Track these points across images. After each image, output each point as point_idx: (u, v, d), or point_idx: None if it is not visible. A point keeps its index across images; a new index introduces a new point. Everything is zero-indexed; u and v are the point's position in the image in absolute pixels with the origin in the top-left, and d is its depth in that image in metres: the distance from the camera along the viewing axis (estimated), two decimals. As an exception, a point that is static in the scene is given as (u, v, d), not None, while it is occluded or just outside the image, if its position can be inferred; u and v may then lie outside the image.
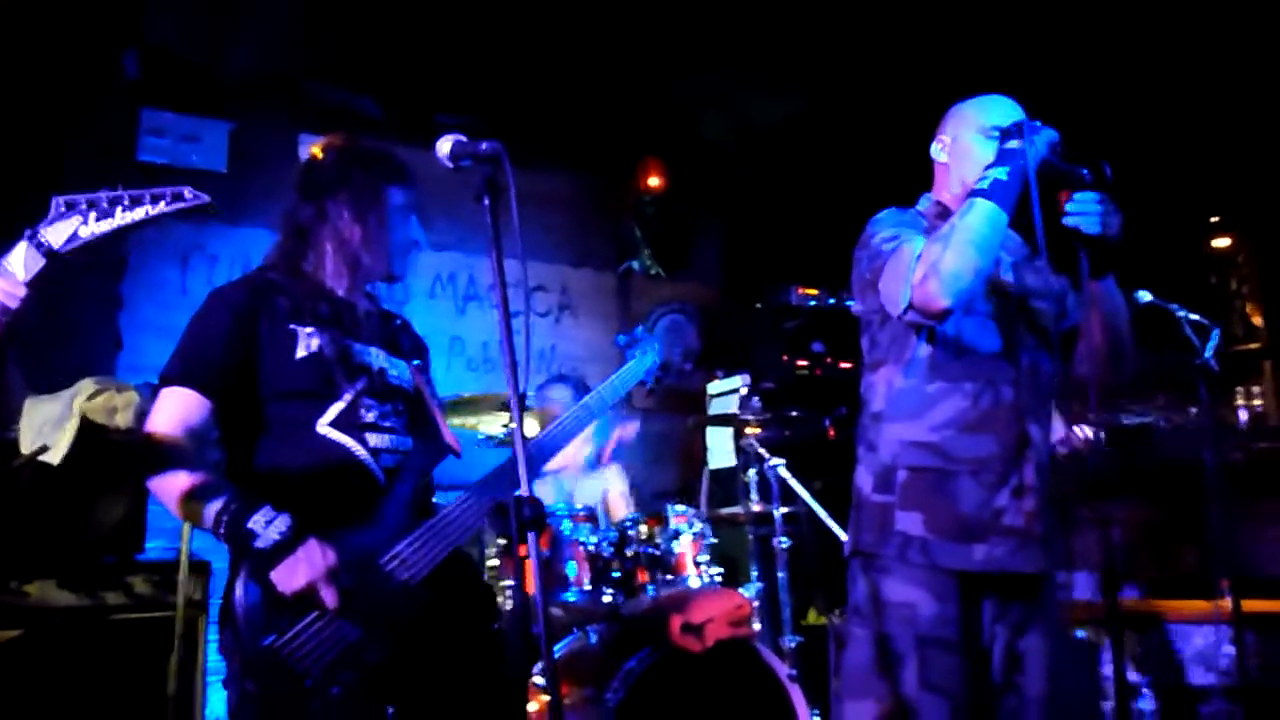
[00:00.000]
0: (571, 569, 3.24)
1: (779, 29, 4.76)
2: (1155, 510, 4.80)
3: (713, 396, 5.37)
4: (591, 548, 3.30)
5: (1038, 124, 2.03)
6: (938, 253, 1.93)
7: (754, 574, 4.08)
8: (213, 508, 1.78)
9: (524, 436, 1.57)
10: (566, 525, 3.28)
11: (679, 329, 2.84)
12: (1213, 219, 5.49)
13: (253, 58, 4.66)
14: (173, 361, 1.93)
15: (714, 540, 3.59)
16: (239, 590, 1.76)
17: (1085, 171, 2.00)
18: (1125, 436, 3.64)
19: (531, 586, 1.87)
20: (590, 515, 3.37)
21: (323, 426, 1.94)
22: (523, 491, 1.53)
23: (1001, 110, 2.17)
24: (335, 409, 1.95)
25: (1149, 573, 4.84)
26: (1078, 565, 4.21)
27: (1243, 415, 4.58)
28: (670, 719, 2.88)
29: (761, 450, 4.00)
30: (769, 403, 4.15)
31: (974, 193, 1.98)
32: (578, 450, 3.99)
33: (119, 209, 1.42)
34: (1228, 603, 3.19)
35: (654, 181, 5.61)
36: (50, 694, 3.09)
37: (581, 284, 5.74)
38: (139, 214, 1.44)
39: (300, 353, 1.95)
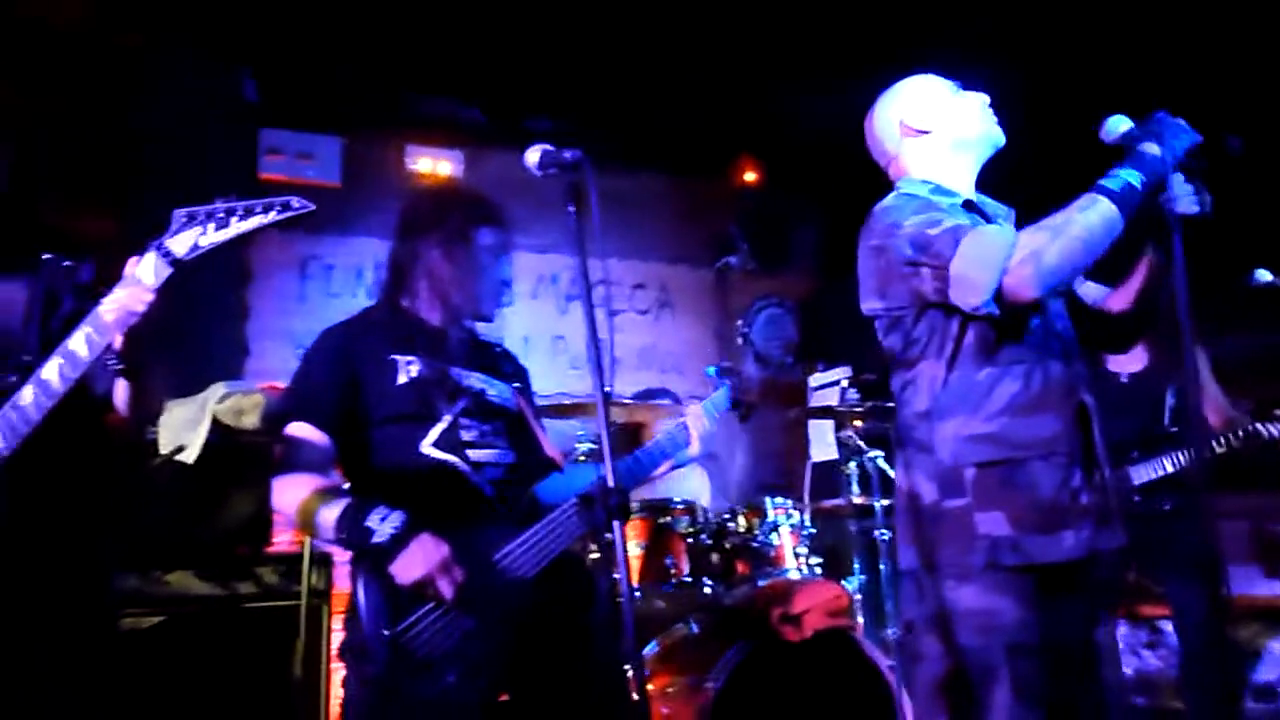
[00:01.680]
0: (673, 561, 3.31)
1: (868, 22, 4.73)
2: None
3: (814, 389, 5.37)
4: (691, 539, 3.37)
5: (1180, 124, 1.94)
6: (1043, 241, 1.85)
7: (856, 566, 4.08)
8: (332, 511, 1.90)
9: (609, 431, 1.62)
10: (667, 518, 3.36)
11: (777, 322, 2.83)
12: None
13: (361, 73, 4.87)
14: (285, 398, 2.12)
15: (813, 531, 3.62)
16: (360, 586, 1.87)
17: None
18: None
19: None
20: (689, 507, 3.44)
21: (426, 446, 2.04)
22: (609, 481, 1.59)
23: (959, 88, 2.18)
24: (436, 430, 2.06)
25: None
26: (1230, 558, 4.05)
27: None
28: (770, 708, 2.92)
29: (861, 442, 3.98)
30: (869, 395, 4.12)
31: (1100, 189, 1.89)
32: None
33: (234, 219, 1.55)
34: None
35: (750, 177, 5.64)
36: (188, 675, 3.32)
37: (680, 281, 5.81)
38: (252, 223, 1.56)
39: (401, 379, 2.07)
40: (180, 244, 1.56)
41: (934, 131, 2.16)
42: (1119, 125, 2.02)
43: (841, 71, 5.14)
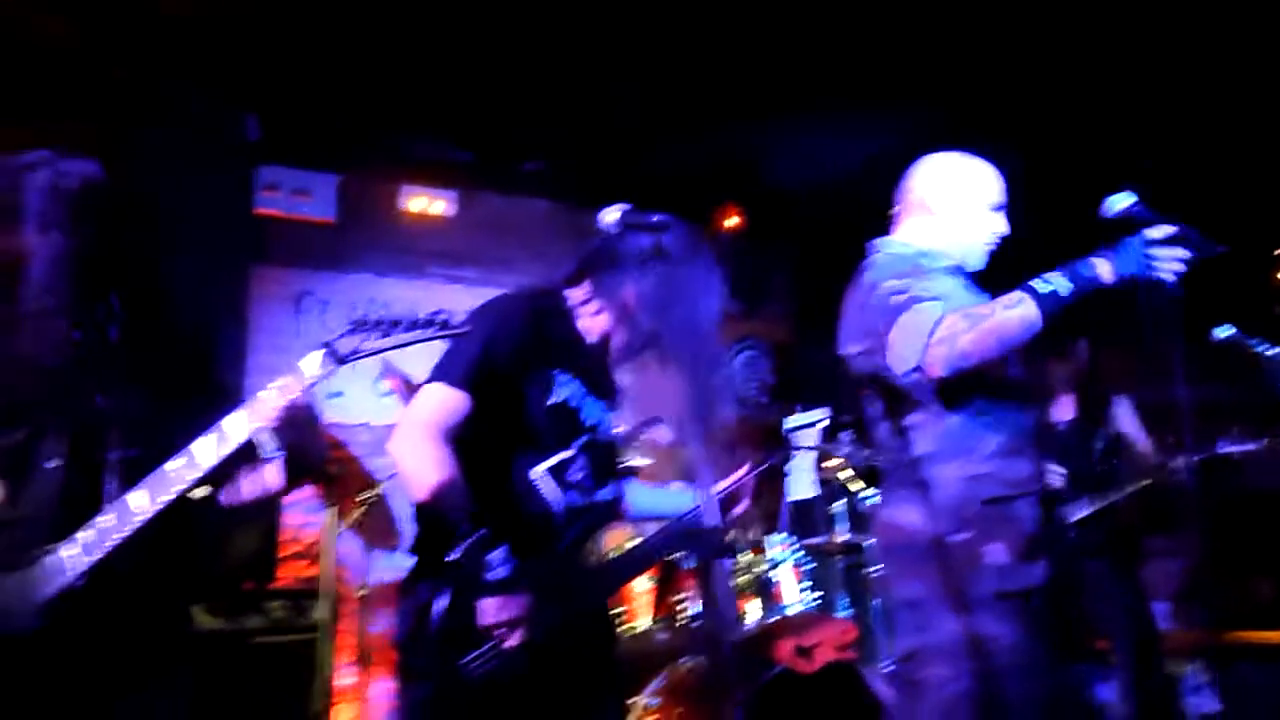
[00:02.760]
0: (686, 595, 3.42)
1: (845, 77, 4.96)
2: (1233, 541, 4.87)
3: (791, 430, 5.53)
4: (702, 575, 3.49)
5: (1131, 245, 2.08)
6: (962, 329, 2.03)
7: (844, 602, 4.23)
8: (461, 524, 1.91)
9: (710, 476, 1.73)
10: (677, 555, 3.47)
11: (753, 364, 2.93)
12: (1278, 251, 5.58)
13: (358, 113, 4.95)
14: (447, 363, 2.01)
15: (812, 567, 3.77)
16: (436, 610, 1.91)
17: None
18: (1218, 465, 3.77)
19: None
20: (698, 544, 3.55)
21: (537, 473, 2.05)
22: (712, 522, 1.69)
23: (996, 187, 2.38)
24: (554, 460, 2.06)
25: (1224, 603, 4.91)
26: (1154, 595, 4.32)
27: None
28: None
29: (850, 483, 4.15)
30: (859, 437, 4.30)
31: (1028, 289, 2.04)
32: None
33: (396, 331, 1.66)
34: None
35: (730, 223, 5.82)
36: (204, 710, 3.33)
37: (665, 323, 5.94)
38: (411, 336, 1.67)
39: (551, 400, 2.06)
40: (346, 345, 1.66)
41: (942, 223, 2.39)
42: (1120, 202, 2.19)
43: (819, 120, 5.40)
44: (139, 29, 4.12)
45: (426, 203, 5.25)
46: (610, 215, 2.03)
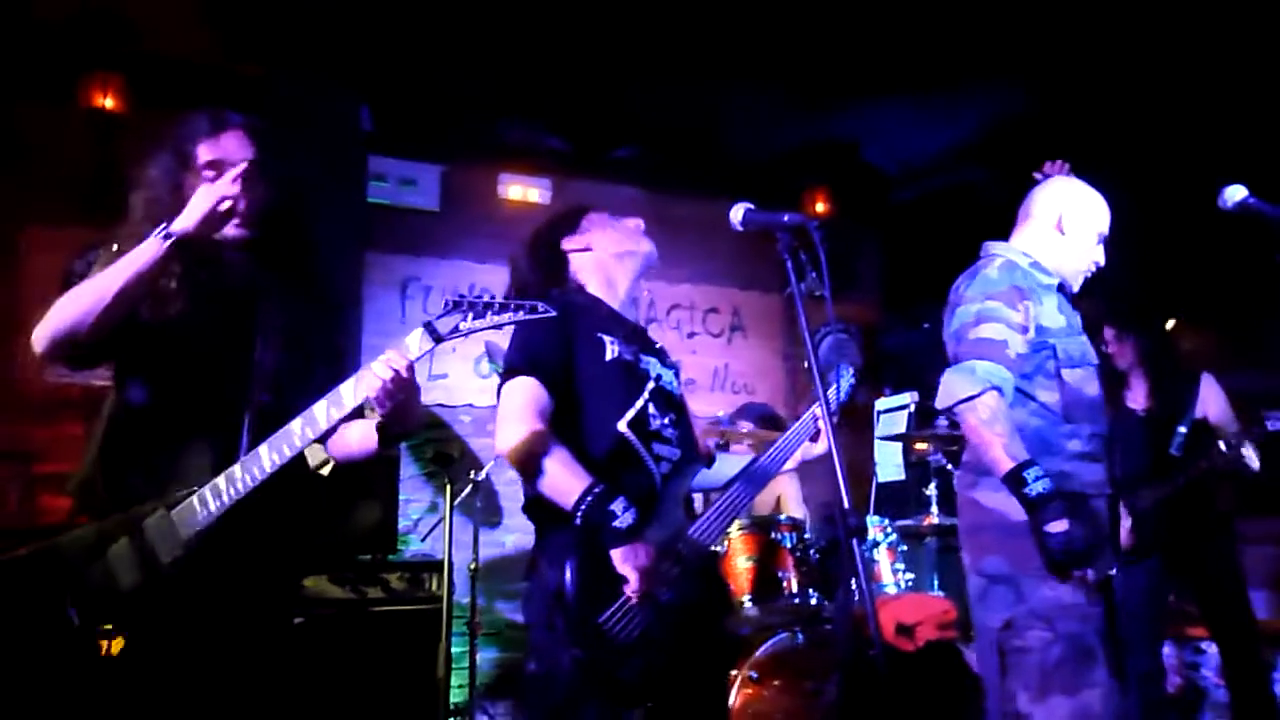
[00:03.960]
0: (783, 574, 3.53)
1: (935, 61, 4.96)
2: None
3: (880, 413, 5.58)
4: (799, 554, 3.59)
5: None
6: (983, 419, 2.36)
7: (935, 583, 4.31)
8: (579, 486, 2.06)
9: (840, 454, 1.83)
10: (777, 533, 3.58)
11: (841, 347, 2.99)
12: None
13: (460, 104, 5.11)
14: (515, 354, 2.22)
15: (905, 549, 3.85)
16: (568, 571, 2.02)
17: None
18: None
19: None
20: (796, 524, 3.66)
21: (622, 425, 2.19)
22: (845, 504, 1.80)
23: (1107, 219, 2.63)
24: (632, 411, 2.22)
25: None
26: (1252, 581, 4.29)
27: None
28: (884, 715, 3.13)
29: (949, 465, 4.20)
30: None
31: (1018, 476, 2.29)
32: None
33: (489, 313, 1.75)
34: None
35: (820, 208, 5.87)
36: (326, 674, 3.54)
37: (751, 306, 6.06)
38: (504, 317, 1.76)
39: (609, 356, 2.23)
40: (445, 325, 1.76)
41: (1060, 244, 2.61)
42: (1236, 194, 2.30)
43: (910, 107, 5.41)
44: (264, 27, 4.33)
45: (523, 191, 5.41)
46: (736, 214, 2.12)
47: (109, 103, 4.50)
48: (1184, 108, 4.88)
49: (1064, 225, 2.61)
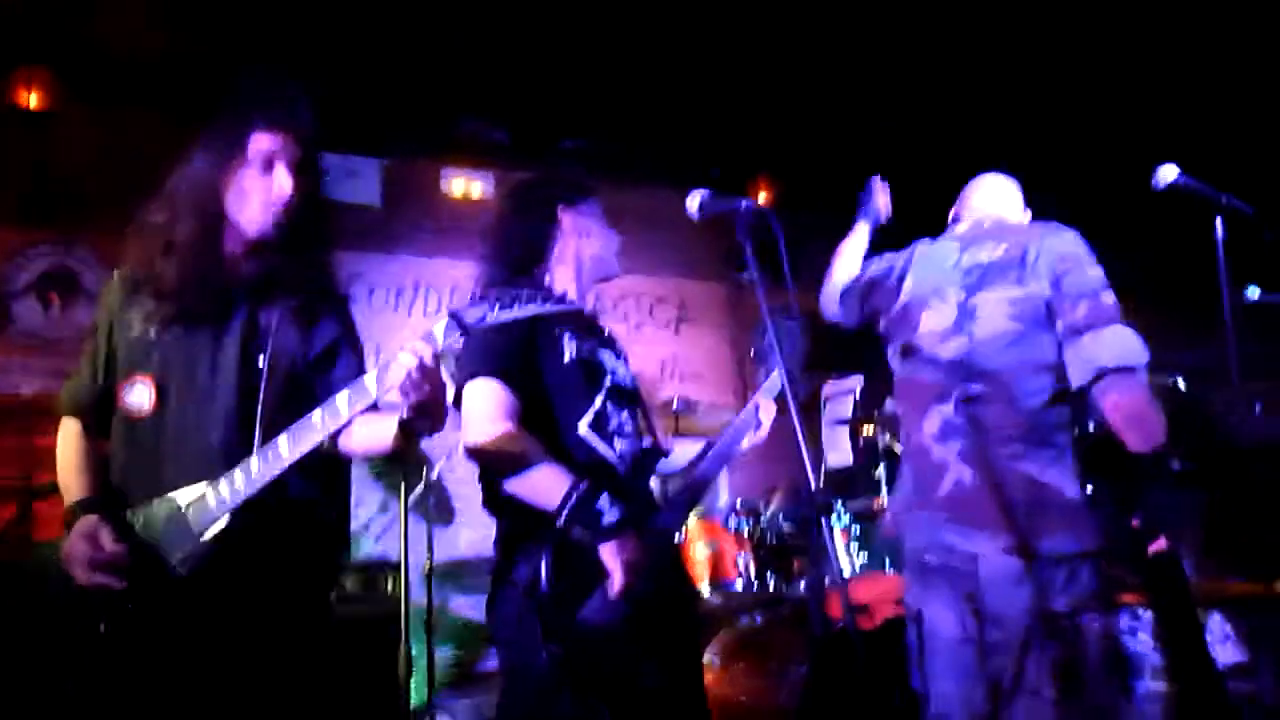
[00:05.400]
0: (741, 560, 3.57)
1: (885, 43, 5.02)
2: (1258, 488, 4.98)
3: (828, 398, 5.65)
4: (755, 539, 3.63)
5: None
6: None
7: (887, 563, 4.38)
8: (562, 485, 2.04)
9: (805, 439, 1.85)
10: (733, 519, 3.62)
11: (789, 334, 3.00)
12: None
13: (399, 98, 5.04)
14: (476, 357, 2.15)
15: (858, 531, 3.92)
16: (544, 567, 2.01)
17: None
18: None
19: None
20: (752, 510, 3.70)
21: (583, 429, 2.18)
22: (814, 485, 1.82)
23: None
24: (591, 413, 2.20)
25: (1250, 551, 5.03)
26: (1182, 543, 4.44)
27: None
28: (851, 691, 3.17)
29: (897, 446, 4.27)
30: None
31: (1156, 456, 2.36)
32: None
33: (516, 305, 1.75)
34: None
35: (763, 196, 5.92)
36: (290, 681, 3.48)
37: (698, 295, 6.09)
38: (530, 309, 1.76)
39: (567, 356, 2.19)
40: (471, 315, 1.75)
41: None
42: (1169, 174, 2.35)
43: (856, 91, 5.48)
44: (201, 19, 4.22)
45: (465, 184, 5.37)
46: (692, 202, 2.13)
47: (34, 100, 4.36)
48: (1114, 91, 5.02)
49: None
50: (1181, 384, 3.90)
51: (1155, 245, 4.56)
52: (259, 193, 1.96)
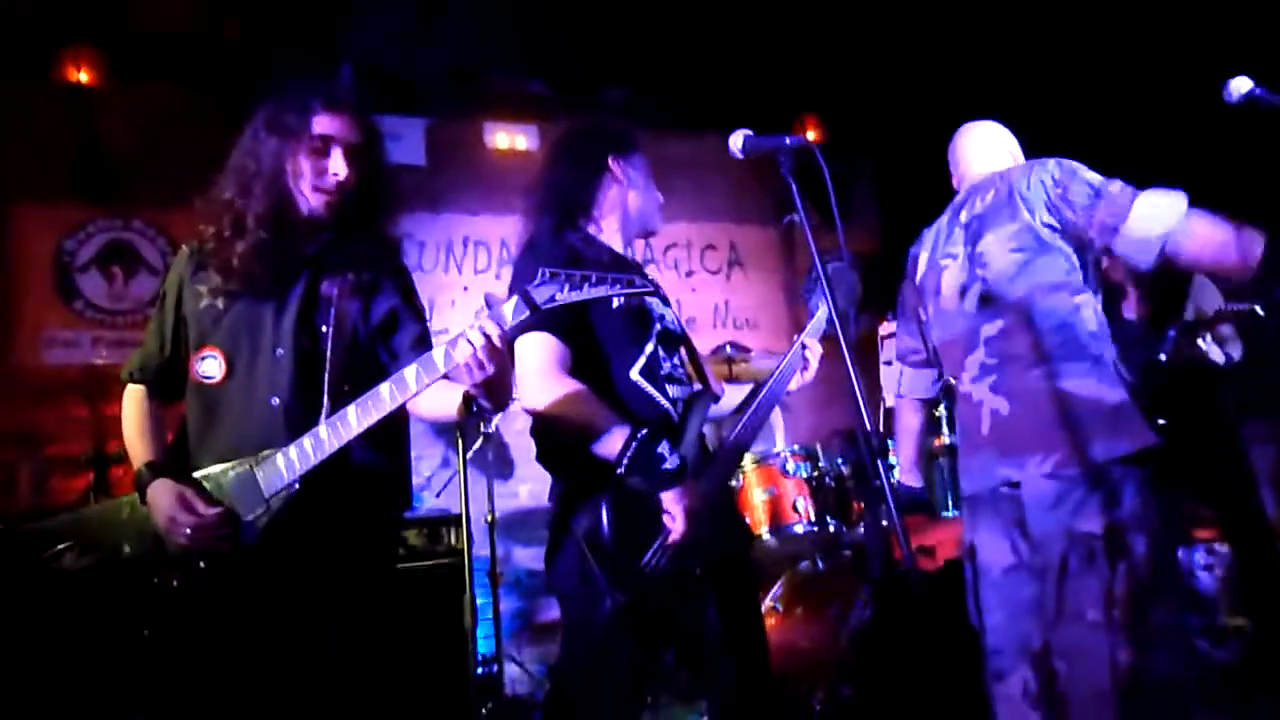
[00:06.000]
0: (800, 504, 3.55)
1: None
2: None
3: (884, 338, 5.57)
4: (814, 483, 3.61)
5: None
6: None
7: (950, 502, 4.33)
8: (622, 432, 2.03)
9: (858, 378, 1.81)
10: (790, 464, 3.59)
11: (840, 275, 2.95)
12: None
13: (440, 56, 5.01)
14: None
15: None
16: (605, 516, 2.02)
17: None
18: None
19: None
20: (810, 453, 3.67)
21: (635, 374, 2.17)
22: (868, 425, 1.79)
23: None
24: (642, 359, 2.19)
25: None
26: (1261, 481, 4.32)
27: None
28: (910, 634, 3.16)
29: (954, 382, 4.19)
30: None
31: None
32: None
33: (586, 285, 1.76)
34: None
35: (810, 136, 5.79)
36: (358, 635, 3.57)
37: (748, 240, 6.01)
38: (600, 290, 1.77)
39: (615, 303, 2.17)
40: (541, 294, 1.77)
41: None
42: (1241, 86, 2.23)
43: (901, 33, 5.32)
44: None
45: (509, 139, 5.34)
46: (735, 141, 2.08)
47: (84, 77, 4.42)
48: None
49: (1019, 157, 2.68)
50: (1260, 311, 3.76)
51: (1228, 168, 4.38)
52: (313, 174, 2.02)
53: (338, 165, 2.01)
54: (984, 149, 2.76)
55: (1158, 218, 2.25)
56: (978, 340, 2.49)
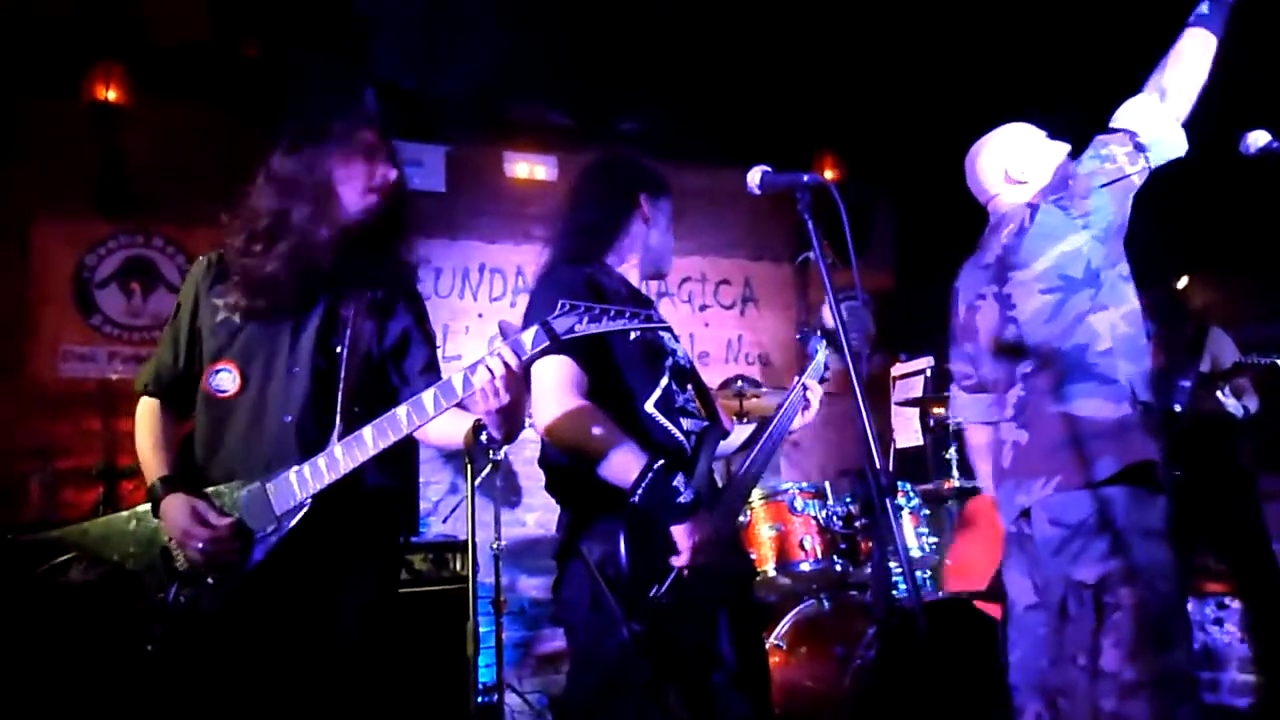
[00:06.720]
0: (807, 541, 3.53)
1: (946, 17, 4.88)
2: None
3: (897, 379, 5.56)
4: (821, 521, 3.59)
5: None
6: None
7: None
8: (635, 454, 2.02)
9: (869, 418, 1.81)
10: (799, 501, 3.57)
11: (855, 314, 2.95)
12: None
13: (461, 83, 5.06)
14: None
15: (928, 513, 3.85)
16: (622, 547, 1.99)
17: None
18: None
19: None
20: (818, 491, 3.65)
21: (650, 406, 2.16)
22: (877, 464, 1.78)
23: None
24: (657, 391, 2.19)
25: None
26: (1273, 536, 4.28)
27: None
28: (918, 673, 3.12)
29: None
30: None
31: None
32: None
33: (605, 318, 1.78)
34: None
35: (829, 174, 5.82)
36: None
37: (763, 276, 6.03)
38: (618, 324, 1.79)
39: (632, 335, 2.16)
40: (561, 325, 1.79)
41: (1030, 183, 2.59)
42: (1259, 139, 2.26)
43: (920, 68, 5.34)
44: (264, 10, 4.30)
45: (529, 169, 5.39)
46: (753, 177, 2.09)
47: (112, 94, 4.49)
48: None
49: (1016, 176, 2.61)
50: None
51: (1247, 217, 4.37)
52: (366, 175, 2.08)
53: (388, 171, 2.10)
54: (982, 171, 2.72)
55: (1139, 106, 2.42)
56: (1015, 378, 2.51)
